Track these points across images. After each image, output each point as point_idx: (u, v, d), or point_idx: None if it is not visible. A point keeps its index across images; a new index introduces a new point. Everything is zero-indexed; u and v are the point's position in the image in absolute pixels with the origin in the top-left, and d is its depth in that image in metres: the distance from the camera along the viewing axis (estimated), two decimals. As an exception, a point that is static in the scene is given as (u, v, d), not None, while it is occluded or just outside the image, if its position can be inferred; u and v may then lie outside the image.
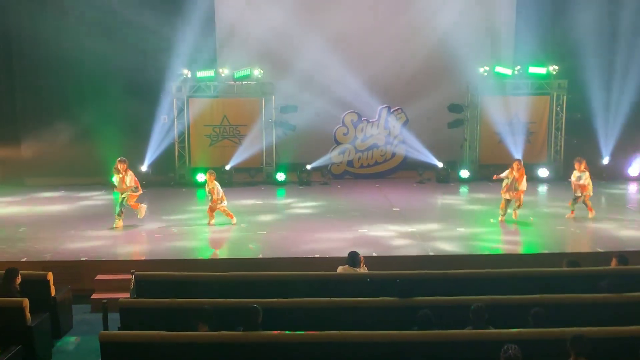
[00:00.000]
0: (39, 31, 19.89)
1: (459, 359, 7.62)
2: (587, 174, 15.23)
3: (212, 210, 15.05)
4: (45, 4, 20.39)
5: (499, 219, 15.25)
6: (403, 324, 7.99)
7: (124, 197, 14.82)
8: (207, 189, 15.01)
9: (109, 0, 19.98)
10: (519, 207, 15.24)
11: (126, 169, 14.80)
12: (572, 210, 15.51)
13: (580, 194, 15.30)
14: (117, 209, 14.92)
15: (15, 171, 20.74)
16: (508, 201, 15.20)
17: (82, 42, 19.80)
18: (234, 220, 15.13)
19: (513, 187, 15.02)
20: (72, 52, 19.95)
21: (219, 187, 14.91)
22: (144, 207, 15.15)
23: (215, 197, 14.83)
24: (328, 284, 9.76)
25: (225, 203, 15.02)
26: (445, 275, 10.02)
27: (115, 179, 14.76)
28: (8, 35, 20.83)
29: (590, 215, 15.41)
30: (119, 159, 14.83)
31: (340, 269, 10.25)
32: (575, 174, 15.30)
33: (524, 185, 15.00)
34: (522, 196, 15.15)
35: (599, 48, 20.88)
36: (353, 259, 10.25)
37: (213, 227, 14.96)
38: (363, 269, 10.32)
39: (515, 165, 15.14)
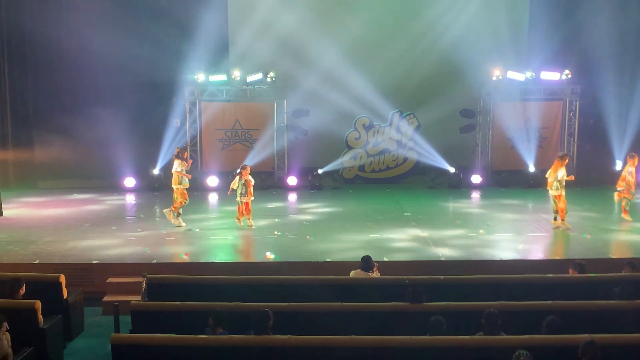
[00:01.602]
0: (52, 36, 20.02)
1: (470, 365, 7.60)
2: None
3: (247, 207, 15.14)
4: (60, 10, 20.52)
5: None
6: (415, 329, 7.97)
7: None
8: (240, 183, 14.97)
9: (123, 4, 20.10)
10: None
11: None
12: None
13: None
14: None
15: (28, 174, 20.88)
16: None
17: (95, 45, 19.88)
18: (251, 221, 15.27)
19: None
20: (86, 56, 20.04)
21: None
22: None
23: (250, 189, 14.95)
24: (339, 288, 9.74)
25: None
26: (457, 281, 10.00)
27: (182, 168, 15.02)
28: (22, 39, 20.98)
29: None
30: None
31: (352, 274, 10.25)
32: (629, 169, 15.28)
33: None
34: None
35: (612, 53, 20.77)
36: (366, 263, 10.24)
37: (224, 231, 15.01)
38: (376, 274, 10.31)
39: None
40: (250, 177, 15.11)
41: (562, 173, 14.58)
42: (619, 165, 20.90)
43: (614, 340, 7.53)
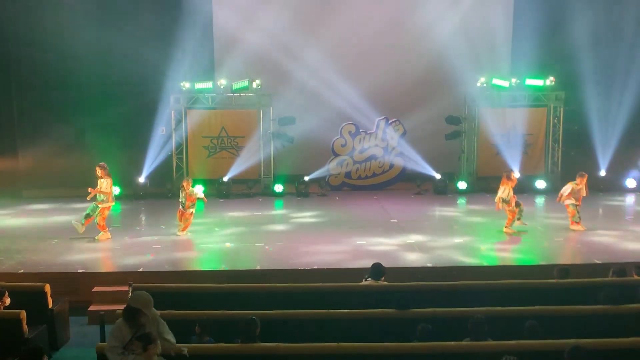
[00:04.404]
0: (37, 43, 19.90)
1: (458, 371, 7.62)
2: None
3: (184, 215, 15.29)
4: (44, 15, 20.41)
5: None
6: (402, 335, 7.98)
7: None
8: (184, 195, 15.11)
9: (107, 12, 20.04)
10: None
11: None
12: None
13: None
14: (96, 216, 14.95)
15: (12, 183, 20.68)
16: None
17: (80, 53, 19.83)
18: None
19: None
20: (71, 64, 19.96)
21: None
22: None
23: (188, 203, 15.06)
24: (326, 296, 9.74)
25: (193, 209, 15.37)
26: (444, 287, 10.02)
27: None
28: (6, 46, 20.82)
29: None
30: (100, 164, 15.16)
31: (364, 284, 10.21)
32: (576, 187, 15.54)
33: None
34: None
35: (596, 60, 20.93)
36: (375, 271, 10.08)
37: (210, 239, 14.98)
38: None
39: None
40: (194, 190, 15.17)
41: (503, 190, 14.99)
42: (603, 172, 21.11)
43: (600, 345, 7.58)
